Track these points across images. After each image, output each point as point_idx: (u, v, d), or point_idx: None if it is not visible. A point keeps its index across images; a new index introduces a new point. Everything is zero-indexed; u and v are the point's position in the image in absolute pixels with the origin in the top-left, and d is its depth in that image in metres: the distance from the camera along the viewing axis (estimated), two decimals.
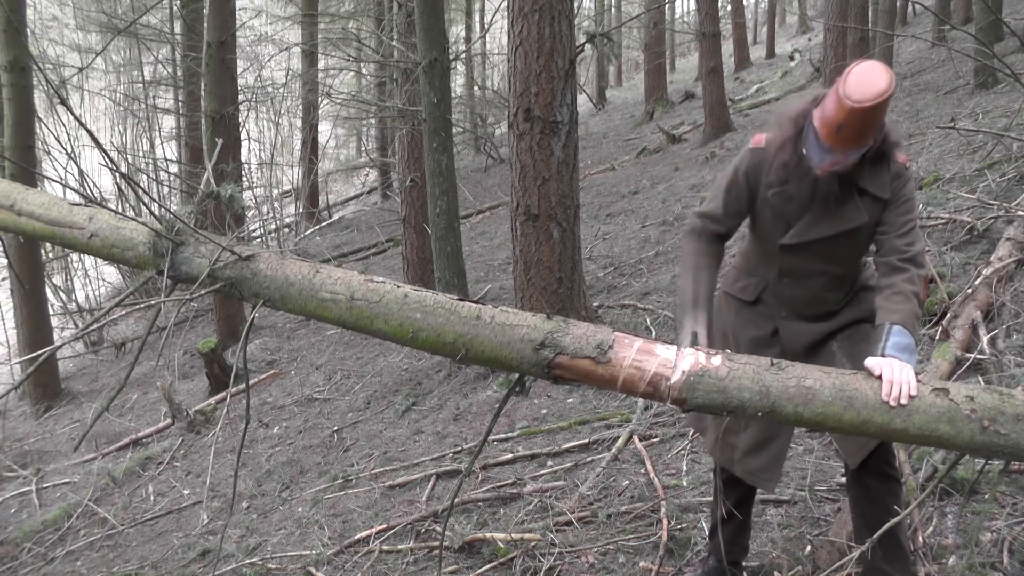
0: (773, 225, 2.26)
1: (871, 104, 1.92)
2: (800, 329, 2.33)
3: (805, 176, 2.14)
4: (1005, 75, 7.55)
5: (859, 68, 1.97)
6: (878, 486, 2.25)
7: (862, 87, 1.93)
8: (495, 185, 13.73)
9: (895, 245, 2.11)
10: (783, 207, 2.22)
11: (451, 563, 3.28)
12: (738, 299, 2.44)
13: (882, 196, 2.14)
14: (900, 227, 2.12)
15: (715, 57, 11.96)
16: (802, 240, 2.22)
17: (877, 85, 1.92)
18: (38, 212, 2.20)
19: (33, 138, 8.65)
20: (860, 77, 1.95)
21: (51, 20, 15.85)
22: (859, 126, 1.96)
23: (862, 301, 2.32)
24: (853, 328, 2.31)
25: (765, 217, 2.28)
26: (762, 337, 2.37)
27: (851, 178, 2.13)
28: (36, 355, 6.67)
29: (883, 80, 1.93)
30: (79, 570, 4.63)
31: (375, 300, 1.93)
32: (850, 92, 1.93)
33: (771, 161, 2.20)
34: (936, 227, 5.13)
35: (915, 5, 16.88)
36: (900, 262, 2.08)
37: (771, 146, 2.21)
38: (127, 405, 8.20)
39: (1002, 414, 1.76)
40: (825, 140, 2.02)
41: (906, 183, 2.16)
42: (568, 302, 5.14)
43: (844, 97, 1.94)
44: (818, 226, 2.19)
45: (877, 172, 2.14)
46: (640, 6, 22.02)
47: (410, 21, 7.30)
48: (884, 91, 1.92)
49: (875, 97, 1.92)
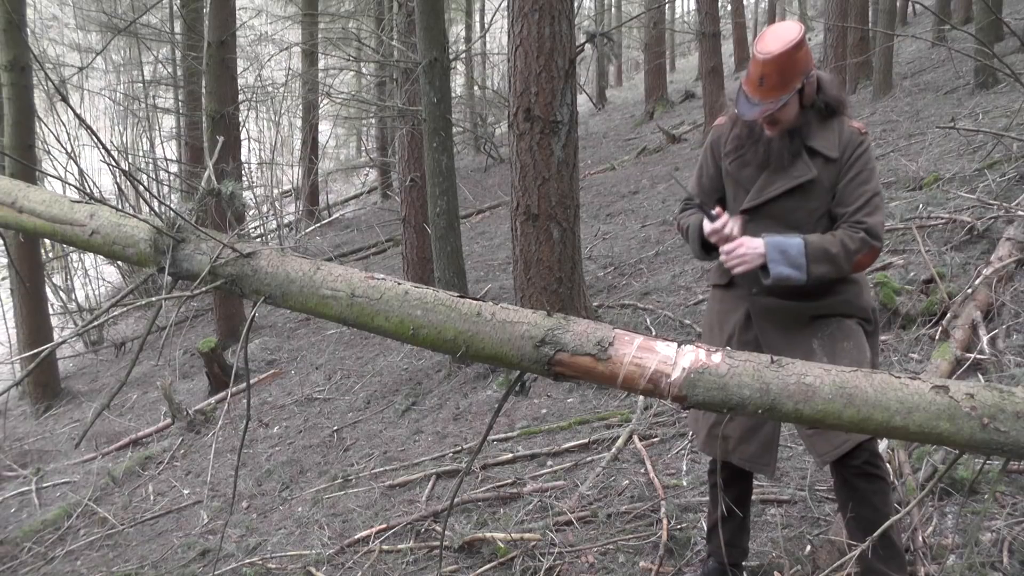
0: (735, 196, 2.40)
1: (781, 51, 2.12)
2: (770, 306, 2.36)
3: (757, 141, 2.29)
4: (1005, 75, 7.55)
5: (769, 27, 2.22)
6: (865, 486, 2.26)
7: (771, 40, 2.16)
8: (495, 185, 13.73)
9: (852, 218, 2.22)
10: (740, 173, 2.36)
11: (451, 563, 3.28)
12: (718, 287, 2.53)
13: (831, 155, 2.24)
14: (856, 200, 2.22)
15: (715, 57, 11.96)
16: (757, 201, 2.32)
17: (785, 36, 2.15)
18: (39, 209, 2.20)
19: (33, 137, 8.66)
20: (769, 33, 2.20)
21: (51, 19, 15.85)
22: (776, 74, 2.14)
23: (840, 292, 2.33)
24: (835, 325, 2.32)
25: (730, 189, 2.42)
26: (738, 320, 2.43)
27: (799, 136, 2.25)
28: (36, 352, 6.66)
29: (791, 31, 2.16)
30: (79, 570, 4.63)
31: (376, 297, 1.93)
32: (761, 47, 2.16)
33: (727, 133, 2.40)
34: (936, 227, 5.12)
35: (915, 5, 16.88)
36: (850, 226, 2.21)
37: (728, 121, 2.42)
38: (127, 404, 8.20)
39: (1002, 411, 1.75)
40: (752, 95, 2.20)
41: (862, 151, 2.24)
42: (568, 302, 5.14)
43: (757, 52, 2.16)
44: (771, 186, 2.30)
45: (825, 131, 2.26)
46: (640, 6, 22.02)
47: (410, 21, 7.30)
48: (791, 40, 2.13)
49: (784, 46, 2.12)
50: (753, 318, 2.39)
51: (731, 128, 2.38)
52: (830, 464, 2.30)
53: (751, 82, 2.19)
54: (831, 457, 2.24)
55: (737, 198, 2.38)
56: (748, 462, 2.41)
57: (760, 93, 2.17)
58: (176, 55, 12.78)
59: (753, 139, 2.30)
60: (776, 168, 2.28)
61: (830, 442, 2.23)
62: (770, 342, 2.32)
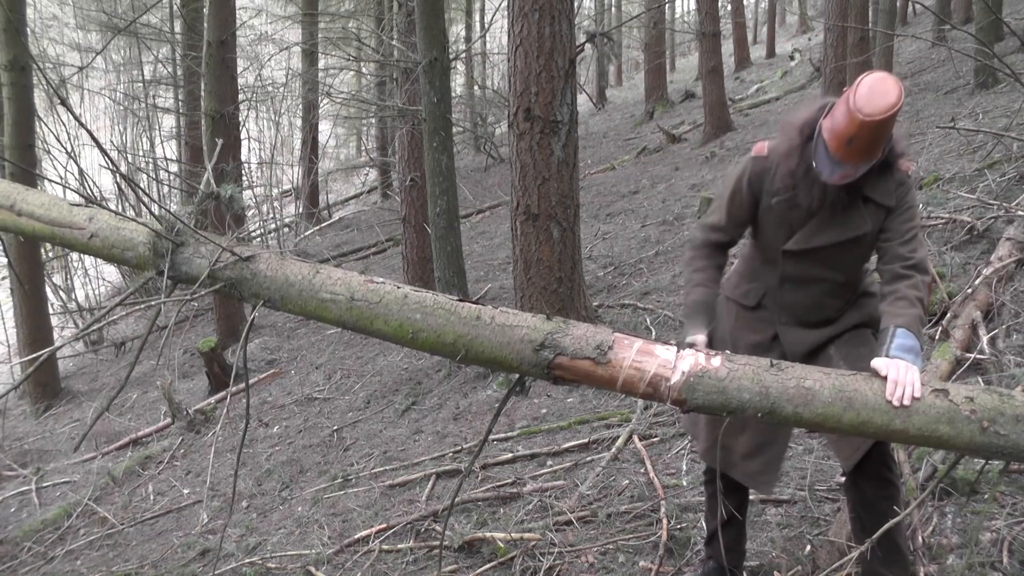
0: (776, 231, 2.27)
1: (882, 118, 1.92)
2: (800, 336, 2.33)
3: (813, 184, 2.14)
4: (1005, 75, 7.54)
5: (870, 79, 1.96)
6: (875, 491, 2.25)
7: (873, 100, 1.92)
8: (495, 184, 13.73)
9: (899, 252, 2.11)
10: (787, 214, 2.22)
11: (451, 562, 3.28)
12: (739, 304, 2.44)
13: (887, 204, 2.15)
14: (903, 234, 2.12)
15: (715, 57, 11.96)
16: (806, 247, 2.22)
17: (888, 98, 1.92)
18: (38, 212, 2.20)
19: (33, 137, 8.65)
20: (871, 89, 1.93)
21: (51, 19, 15.84)
22: (870, 139, 1.97)
23: (863, 307, 2.32)
24: (852, 332, 2.31)
25: (768, 224, 2.28)
26: (762, 342, 2.37)
27: (858, 186, 2.13)
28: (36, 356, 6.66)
29: (894, 92, 1.93)
30: (79, 569, 4.63)
31: (375, 301, 1.93)
32: (861, 105, 1.92)
33: (774, 169, 2.22)
34: (936, 227, 5.12)
35: (915, 5, 16.87)
36: (904, 269, 2.08)
37: (775, 154, 2.23)
38: (127, 404, 8.20)
39: (1001, 415, 1.76)
40: (835, 152, 2.02)
41: (909, 190, 2.16)
42: (568, 302, 5.14)
43: (856, 110, 1.93)
44: (823, 233, 2.19)
45: (882, 180, 2.14)
46: (640, 6, 22.01)
47: (410, 20, 7.30)
48: (894, 104, 1.92)
49: (886, 110, 1.91)
50: (783, 342, 2.36)
51: (778, 163, 2.21)
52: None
53: (838, 139, 1.99)
54: (854, 460, 2.21)
55: (779, 234, 2.27)
56: (749, 478, 2.40)
57: (844, 153, 2.00)
58: (176, 55, 12.78)
59: (808, 181, 2.15)
60: (829, 216, 2.17)
61: (849, 445, 2.22)
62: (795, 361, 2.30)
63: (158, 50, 13.95)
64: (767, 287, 2.36)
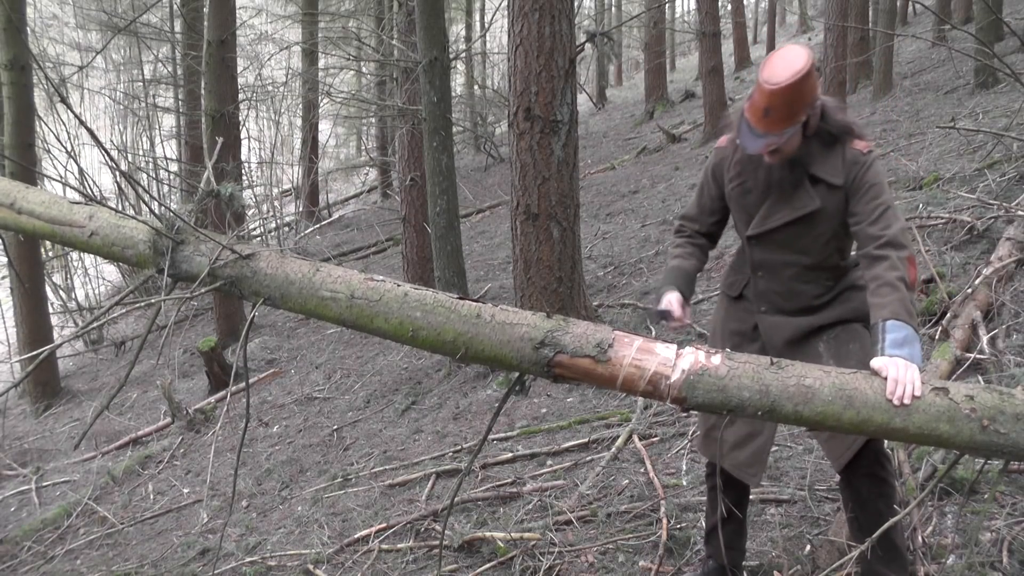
0: (739, 219, 2.38)
1: (788, 83, 2.02)
2: (778, 323, 2.36)
3: (757, 167, 2.25)
4: (1005, 75, 7.55)
5: (777, 53, 2.09)
6: (869, 489, 2.25)
7: (778, 69, 2.04)
8: (495, 184, 13.73)
9: (869, 233, 2.12)
10: (743, 199, 2.33)
11: (451, 562, 3.28)
12: (726, 295, 2.53)
13: (835, 182, 2.18)
14: (870, 214, 2.13)
15: (715, 56, 11.96)
16: (762, 229, 2.29)
17: (793, 65, 2.03)
18: (38, 210, 2.20)
19: (33, 136, 8.65)
20: (776, 61, 2.06)
21: (51, 18, 15.84)
22: (783, 106, 2.05)
23: (849, 300, 2.32)
24: (841, 328, 2.31)
25: (734, 212, 2.40)
26: (744, 331, 2.43)
27: (802, 165, 2.20)
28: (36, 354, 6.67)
29: (799, 60, 2.03)
30: (79, 568, 4.63)
31: (375, 299, 1.93)
32: (768, 76, 2.04)
33: (730, 158, 2.34)
34: (936, 227, 5.12)
35: (915, 5, 16.87)
36: (877, 249, 2.08)
37: (730, 144, 2.35)
38: (127, 404, 8.20)
39: (1002, 413, 1.76)
40: (756, 126, 2.11)
41: (867, 169, 2.16)
42: (568, 301, 5.14)
43: (764, 82, 2.05)
44: (775, 215, 2.26)
45: (829, 158, 2.19)
46: (640, 5, 22.01)
47: (410, 20, 7.30)
48: (800, 70, 2.02)
49: (791, 76, 2.02)
50: (761, 331, 2.39)
51: (734, 152, 2.33)
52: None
53: (755, 112, 2.09)
54: (844, 460, 2.22)
55: (742, 221, 2.36)
56: (736, 469, 2.41)
57: (765, 125, 2.08)
58: (176, 54, 12.78)
59: (754, 165, 2.25)
60: (779, 197, 2.23)
61: (840, 444, 2.22)
62: (777, 351, 2.31)
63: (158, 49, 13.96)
64: (747, 277, 2.43)
